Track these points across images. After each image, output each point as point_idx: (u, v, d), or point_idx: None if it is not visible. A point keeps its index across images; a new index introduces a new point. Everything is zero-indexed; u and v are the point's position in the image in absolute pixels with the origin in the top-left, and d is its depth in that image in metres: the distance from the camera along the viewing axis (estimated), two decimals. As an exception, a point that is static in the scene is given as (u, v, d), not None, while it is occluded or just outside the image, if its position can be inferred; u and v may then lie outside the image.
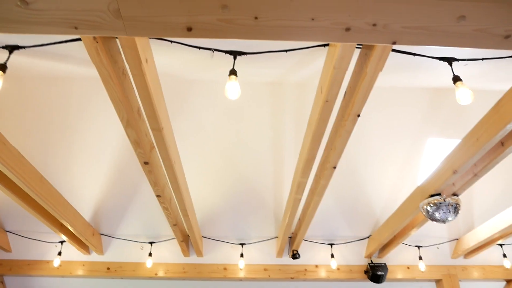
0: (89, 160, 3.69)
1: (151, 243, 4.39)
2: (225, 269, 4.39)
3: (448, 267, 4.60)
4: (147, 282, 4.59)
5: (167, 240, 4.41)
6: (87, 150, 3.60)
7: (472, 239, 4.26)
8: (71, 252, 4.36)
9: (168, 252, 4.46)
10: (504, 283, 4.77)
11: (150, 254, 4.32)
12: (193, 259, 4.43)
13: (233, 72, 2.27)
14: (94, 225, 4.24)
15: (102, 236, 4.39)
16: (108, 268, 4.36)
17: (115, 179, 3.85)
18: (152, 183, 2.83)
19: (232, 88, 2.22)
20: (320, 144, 2.43)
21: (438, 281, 4.61)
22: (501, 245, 4.57)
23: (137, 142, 2.32)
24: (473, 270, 4.65)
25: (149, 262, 4.27)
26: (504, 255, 4.51)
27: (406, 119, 3.54)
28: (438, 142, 3.93)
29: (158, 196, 3.08)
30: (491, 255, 4.66)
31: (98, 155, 3.65)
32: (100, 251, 4.35)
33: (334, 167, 2.64)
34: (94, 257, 4.40)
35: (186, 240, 4.22)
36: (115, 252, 4.41)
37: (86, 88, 3.24)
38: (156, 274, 4.38)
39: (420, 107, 3.47)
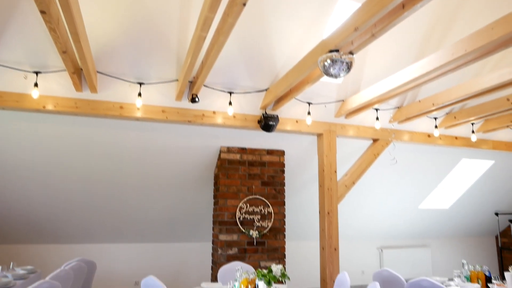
0: None
1: (36, 73, 3.99)
2: (121, 107, 4.30)
3: (330, 124, 5.19)
4: (34, 115, 4.31)
5: (56, 71, 4.03)
6: None
7: (355, 101, 4.77)
8: None
9: (58, 85, 4.13)
10: (371, 141, 5.62)
11: (36, 85, 3.95)
12: (86, 94, 4.21)
13: None
14: (-39, 44, 3.63)
15: (-26, 59, 3.83)
16: (-15, 96, 3.93)
17: (-15, -12, 3.19)
18: (33, -8, 2.40)
19: None
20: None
21: (319, 135, 5.23)
22: (376, 109, 5.22)
23: None
24: (349, 129, 5.33)
25: (35, 93, 3.94)
26: (377, 118, 5.19)
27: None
28: (348, 3, 3.98)
29: (42, 12, 2.67)
30: (366, 117, 5.34)
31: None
32: (-27, 76, 3.84)
33: (244, 4, 2.52)
34: (-34, 82, 3.89)
35: (79, 73, 3.92)
36: (-7, 79, 3.94)
37: None
38: (44, 107, 4.11)
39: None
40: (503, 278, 3.90)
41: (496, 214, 8.06)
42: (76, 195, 5.26)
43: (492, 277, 3.84)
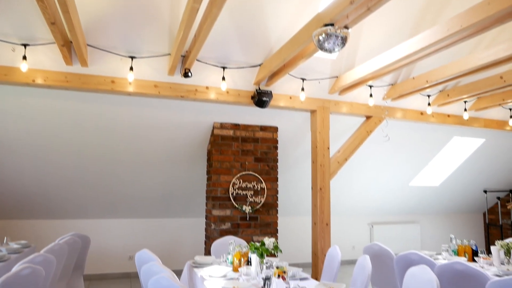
0: None
1: (24, 45, 3.90)
2: (113, 82, 4.24)
3: (324, 100, 5.18)
4: (24, 89, 4.24)
5: (45, 44, 3.94)
6: None
7: (349, 78, 4.74)
8: None
9: (47, 58, 4.04)
10: (364, 118, 5.63)
11: (24, 58, 3.86)
12: (77, 68, 4.13)
13: None
14: None
15: (-41, 30, 3.72)
16: (-28, 68, 3.84)
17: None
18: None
19: None
20: None
21: (313, 112, 5.22)
22: (370, 86, 5.20)
23: None
24: (343, 106, 5.32)
25: (23, 66, 3.85)
26: (371, 95, 5.18)
27: None
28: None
29: (28, -20, 2.58)
30: (360, 94, 5.32)
31: None
32: (-41, 48, 3.74)
33: (238, -26, 2.46)
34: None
35: (68, 46, 3.83)
36: (-20, 52, 3.85)
37: None
38: (33, 81, 4.03)
39: None
40: (489, 252, 4.01)
41: (485, 191, 8.21)
42: (68, 170, 5.24)
43: (479, 251, 3.94)
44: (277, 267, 2.53)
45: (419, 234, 7.99)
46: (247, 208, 5.21)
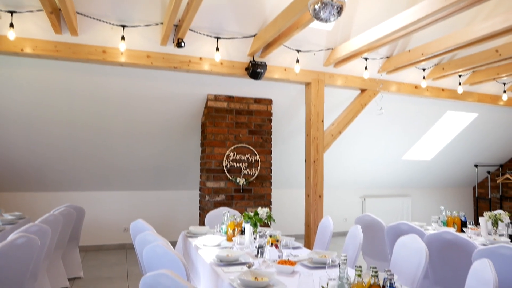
0: None
1: (11, 12, 3.77)
2: (104, 51, 4.15)
3: (318, 73, 5.13)
4: (12, 58, 4.14)
5: (32, 11, 3.81)
6: None
7: (344, 49, 4.68)
8: None
9: (36, 27, 3.93)
10: (359, 91, 5.61)
11: (11, 25, 3.75)
12: (66, 37, 4.03)
13: None
14: None
15: None
16: (-42, 36, 3.73)
17: None
18: None
19: None
20: None
21: (307, 84, 5.18)
22: (366, 58, 5.15)
23: None
24: (338, 78, 5.29)
25: (11, 35, 3.74)
26: (366, 68, 5.14)
27: None
28: None
29: None
30: (355, 66, 5.27)
31: None
32: None
33: None
34: None
35: (57, 14, 3.71)
36: (-35, 19, 3.72)
37: None
38: (22, 50, 3.93)
39: None
40: (477, 224, 4.10)
41: (476, 166, 8.33)
42: (61, 142, 5.20)
43: (467, 222, 4.03)
44: (270, 236, 2.57)
45: (410, 207, 8.14)
46: (241, 180, 5.24)
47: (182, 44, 4.11)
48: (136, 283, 4.31)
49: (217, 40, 4.35)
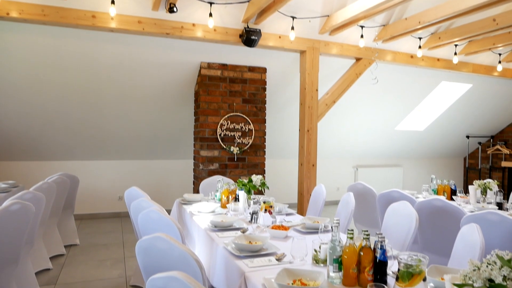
0: None
1: (-4, -27, 3.62)
2: (93, 16, 4.02)
3: (314, 41, 5.05)
4: (-2, 23, 4.02)
5: (17, -27, 3.67)
6: None
7: (340, 16, 4.59)
8: None
9: (21, -11, 3.79)
10: (354, 60, 5.55)
11: (-4, -13, 3.62)
12: (54, 1, 3.88)
13: None
14: None
15: None
16: None
17: None
18: None
19: None
20: None
21: (302, 52, 5.11)
22: (362, 26, 5.06)
23: None
24: (333, 47, 5.21)
25: (-4, -3, 3.62)
26: (362, 36, 5.06)
27: None
28: None
29: None
30: (351, 34, 5.19)
31: None
32: None
33: None
34: None
35: (43, -25, 3.57)
36: None
37: None
38: (7, 14, 3.80)
39: None
40: (467, 192, 4.19)
41: (467, 137, 8.41)
42: (52, 110, 5.13)
43: (457, 191, 4.11)
44: (264, 202, 2.60)
45: (401, 177, 8.26)
46: (235, 149, 5.25)
47: (175, 9, 3.99)
48: (132, 249, 4.39)
49: (211, 5, 4.23)
